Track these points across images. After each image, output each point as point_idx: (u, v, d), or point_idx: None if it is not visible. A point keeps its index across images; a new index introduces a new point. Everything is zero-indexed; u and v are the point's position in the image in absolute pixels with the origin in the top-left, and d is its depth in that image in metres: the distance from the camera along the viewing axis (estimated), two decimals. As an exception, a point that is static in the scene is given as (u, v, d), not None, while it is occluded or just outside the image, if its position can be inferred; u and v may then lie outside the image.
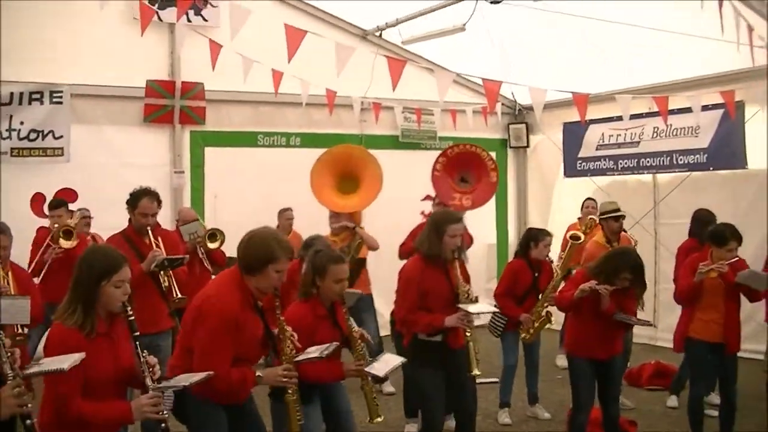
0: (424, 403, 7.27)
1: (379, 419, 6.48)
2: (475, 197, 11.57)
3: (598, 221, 10.14)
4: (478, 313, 6.98)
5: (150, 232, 8.02)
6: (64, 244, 9.68)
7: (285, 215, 12.07)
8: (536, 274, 9.43)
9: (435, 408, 7.07)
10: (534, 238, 9.46)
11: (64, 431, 4.68)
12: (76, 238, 9.78)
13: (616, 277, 7.30)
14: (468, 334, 7.09)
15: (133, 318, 4.83)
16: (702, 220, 9.81)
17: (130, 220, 8.09)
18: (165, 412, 4.79)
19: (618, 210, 9.93)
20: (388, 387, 10.71)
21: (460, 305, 6.81)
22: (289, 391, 5.74)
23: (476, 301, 7.21)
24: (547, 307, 9.38)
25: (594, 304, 7.36)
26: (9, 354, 4.22)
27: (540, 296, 9.41)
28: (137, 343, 4.78)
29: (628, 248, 8.46)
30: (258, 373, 5.49)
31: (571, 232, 10.49)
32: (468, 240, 10.59)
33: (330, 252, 6.62)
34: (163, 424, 4.74)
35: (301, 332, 5.88)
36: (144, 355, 4.79)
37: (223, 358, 5.28)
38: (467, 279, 7.17)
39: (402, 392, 9.38)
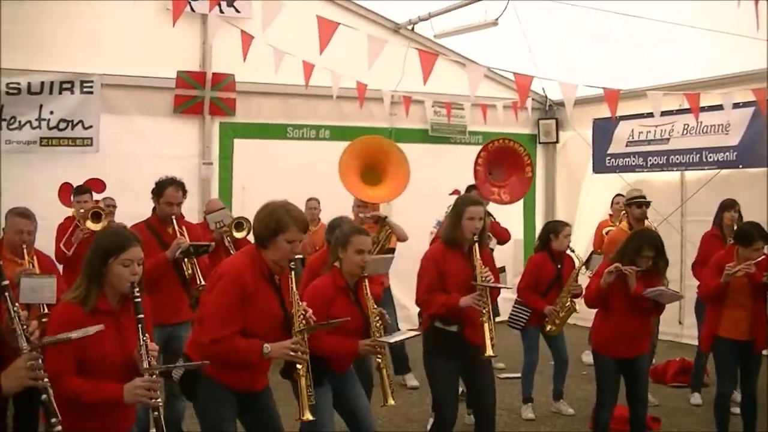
0: (435, 392, 7.18)
1: (391, 402, 6.40)
2: (511, 191, 11.54)
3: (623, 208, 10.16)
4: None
5: (174, 221, 8.05)
6: (92, 226, 9.64)
7: (309, 204, 12.00)
8: (559, 266, 9.42)
9: (446, 397, 6.98)
10: (553, 230, 9.47)
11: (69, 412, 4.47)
12: (105, 219, 9.79)
13: (639, 256, 7.30)
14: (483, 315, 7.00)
15: (139, 300, 4.70)
16: (721, 205, 9.86)
17: (154, 209, 8.12)
18: (159, 399, 4.60)
19: (643, 197, 9.99)
20: (411, 381, 10.72)
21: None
22: (299, 366, 5.53)
23: (503, 270, 7.18)
24: (570, 297, 9.32)
25: (622, 298, 7.35)
26: (24, 327, 4.15)
27: (563, 288, 9.39)
28: (140, 326, 4.65)
29: (646, 229, 8.50)
30: (265, 345, 5.30)
31: (606, 228, 10.49)
32: (504, 234, 10.61)
33: (353, 224, 6.70)
34: (155, 412, 4.55)
35: (317, 302, 5.89)
36: (144, 338, 4.66)
37: (228, 320, 5.25)
38: (493, 269, 7.10)
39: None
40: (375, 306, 6.37)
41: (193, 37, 12.74)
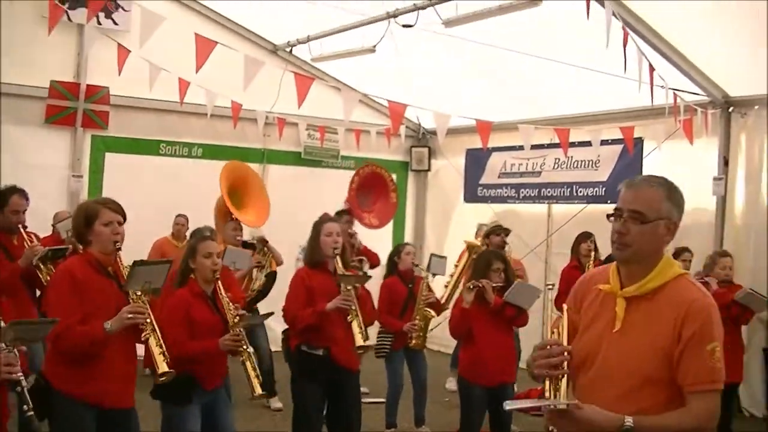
0: (299, 417, 7.22)
1: (262, 393, 6.45)
2: (379, 216, 11.74)
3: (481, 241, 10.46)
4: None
5: (22, 230, 7.93)
6: None
7: (177, 221, 11.86)
8: (410, 285, 9.55)
9: (311, 423, 7.03)
10: (396, 252, 9.71)
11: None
12: None
13: (490, 270, 7.54)
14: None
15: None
16: (578, 237, 10.22)
17: None
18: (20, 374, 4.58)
19: (500, 227, 10.46)
20: (276, 403, 10.65)
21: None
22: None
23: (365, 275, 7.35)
24: (425, 306, 9.42)
25: (484, 320, 7.50)
26: None
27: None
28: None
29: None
30: (106, 322, 5.26)
31: (468, 241, 10.75)
32: (374, 258, 10.78)
33: (197, 231, 6.73)
34: (18, 387, 4.57)
35: (177, 314, 5.97)
36: None
37: (64, 312, 5.20)
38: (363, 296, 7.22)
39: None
40: (233, 306, 6.33)
41: (68, 47, 12.50)
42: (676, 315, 3.56)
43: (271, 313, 7.09)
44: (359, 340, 7.05)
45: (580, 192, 13.25)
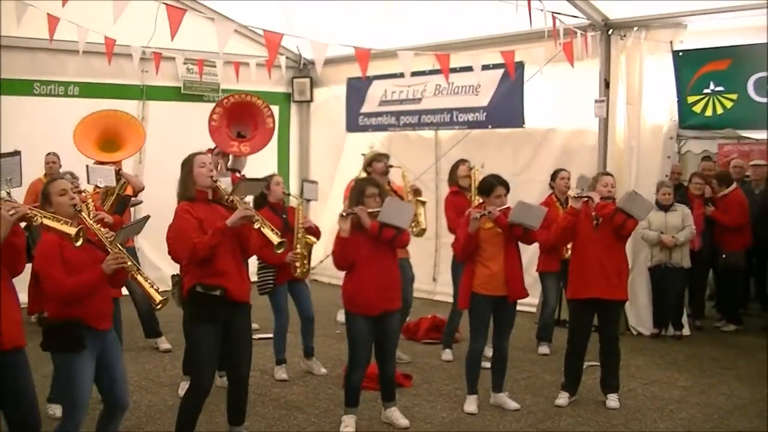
0: (193, 359, 7.08)
1: (159, 298, 6.07)
2: (253, 144, 11.59)
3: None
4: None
5: None
6: None
7: (46, 159, 11.34)
8: (284, 216, 9.41)
9: (205, 365, 6.81)
10: (266, 185, 9.31)
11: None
12: None
13: (365, 197, 7.53)
14: None
15: None
16: (454, 165, 10.32)
17: None
18: None
19: (380, 153, 10.69)
20: (164, 344, 10.57)
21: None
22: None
23: None
24: (304, 232, 9.44)
25: (363, 248, 7.45)
26: None
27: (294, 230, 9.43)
28: None
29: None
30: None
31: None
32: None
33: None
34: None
35: (51, 257, 5.77)
36: None
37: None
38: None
39: (183, 350, 9.16)
40: (101, 229, 6.14)
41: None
42: None
43: (148, 216, 6.73)
44: (275, 239, 6.94)
45: (461, 118, 13.32)
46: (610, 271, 8.29)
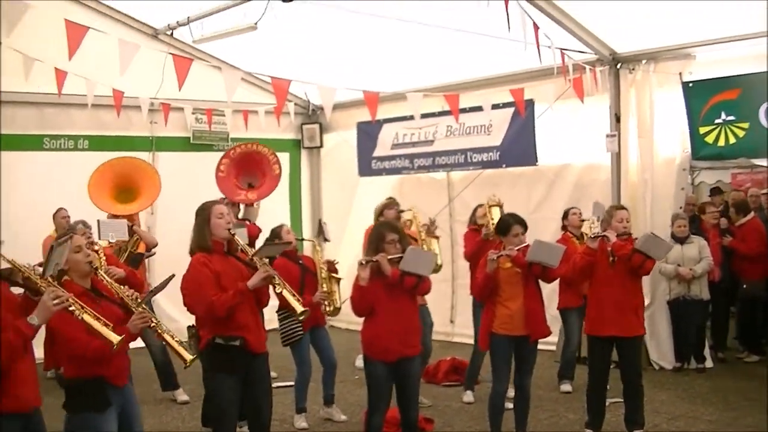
0: (215, 410, 7.00)
1: (189, 357, 6.06)
2: (260, 191, 11.56)
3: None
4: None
5: None
6: None
7: (59, 214, 11.36)
8: (300, 262, 9.39)
9: (229, 417, 6.79)
10: (276, 235, 9.37)
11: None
12: None
13: (384, 242, 7.38)
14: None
15: None
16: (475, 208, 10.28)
17: None
18: None
19: (391, 200, 10.58)
20: (181, 396, 10.49)
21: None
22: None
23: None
24: (328, 271, 9.41)
25: (385, 298, 7.30)
26: None
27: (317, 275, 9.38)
28: None
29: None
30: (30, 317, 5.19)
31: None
32: (255, 231, 10.54)
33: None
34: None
35: (68, 318, 5.52)
36: None
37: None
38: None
39: (201, 401, 9.11)
40: (122, 287, 6.06)
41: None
42: None
43: (173, 276, 6.67)
44: (298, 307, 6.89)
45: (474, 158, 13.28)
46: (626, 308, 8.18)
